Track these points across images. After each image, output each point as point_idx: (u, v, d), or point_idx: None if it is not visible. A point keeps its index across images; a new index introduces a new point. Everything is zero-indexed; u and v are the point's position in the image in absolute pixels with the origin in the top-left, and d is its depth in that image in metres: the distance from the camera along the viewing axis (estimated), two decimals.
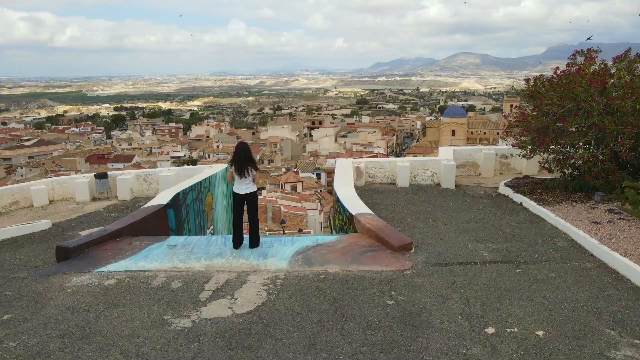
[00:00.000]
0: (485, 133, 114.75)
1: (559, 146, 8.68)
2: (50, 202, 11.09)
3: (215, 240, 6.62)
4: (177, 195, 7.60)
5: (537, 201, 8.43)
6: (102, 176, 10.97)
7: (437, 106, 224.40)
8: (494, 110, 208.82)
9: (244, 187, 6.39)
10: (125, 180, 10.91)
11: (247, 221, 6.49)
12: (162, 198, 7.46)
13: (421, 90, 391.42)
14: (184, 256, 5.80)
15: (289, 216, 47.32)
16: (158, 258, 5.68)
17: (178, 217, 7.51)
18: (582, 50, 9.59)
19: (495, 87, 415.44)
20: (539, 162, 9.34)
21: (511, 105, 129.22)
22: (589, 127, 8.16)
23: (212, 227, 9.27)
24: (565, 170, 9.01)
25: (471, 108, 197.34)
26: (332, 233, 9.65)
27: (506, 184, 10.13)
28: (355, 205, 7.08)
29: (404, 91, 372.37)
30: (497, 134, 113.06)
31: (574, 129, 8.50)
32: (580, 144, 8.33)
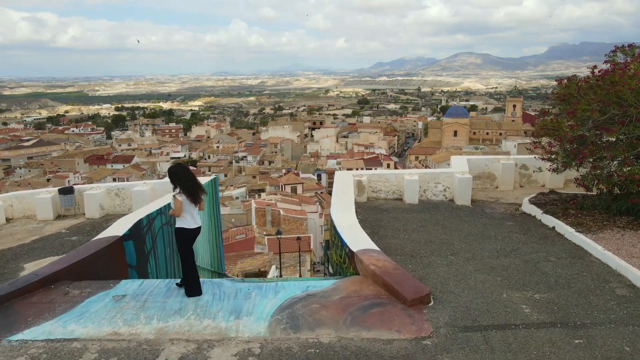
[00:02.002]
0: (487, 133, 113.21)
1: (599, 160, 7.29)
2: (8, 220, 9.74)
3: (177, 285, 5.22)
4: (139, 222, 6.19)
5: (575, 226, 7.05)
6: (67, 191, 9.63)
7: (439, 106, 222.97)
8: (496, 110, 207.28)
9: (197, 218, 5.08)
10: (94, 196, 9.55)
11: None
12: (118, 227, 6.06)
13: (422, 90, 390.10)
14: (131, 314, 4.40)
15: (289, 220, 45.98)
16: (96, 317, 4.29)
17: (140, 249, 6.11)
18: (622, 46, 8.17)
19: (496, 87, 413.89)
20: (575, 178, 7.95)
21: (514, 106, 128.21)
22: (638, 139, 6.78)
23: None
24: (606, 188, 7.61)
25: (473, 108, 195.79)
26: (327, 274, 8.26)
27: (531, 201, 8.75)
28: (356, 238, 5.68)
29: (405, 91, 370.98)
30: (500, 134, 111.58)
31: (619, 140, 7.12)
32: (630, 158, 6.89)
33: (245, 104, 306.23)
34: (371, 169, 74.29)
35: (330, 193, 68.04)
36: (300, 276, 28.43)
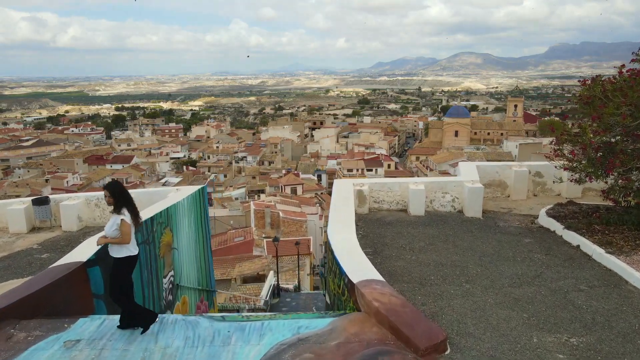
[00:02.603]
0: (489, 133, 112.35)
1: (629, 171, 6.47)
2: None
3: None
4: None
5: (604, 246, 6.25)
6: (41, 202, 8.85)
7: (440, 106, 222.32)
8: (497, 110, 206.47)
9: (135, 242, 4.37)
10: (71, 207, 8.76)
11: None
12: (83, 251, 5.24)
13: (423, 90, 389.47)
14: None
15: (288, 222, 45.23)
16: None
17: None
18: None
19: (497, 87, 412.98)
20: (602, 190, 7.13)
21: (515, 106, 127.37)
22: None
23: (171, 273, 7.11)
24: (638, 202, 6.76)
25: (474, 108, 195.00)
26: (323, 308, 7.46)
27: (549, 213, 7.95)
28: (357, 265, 4.85)
29: (406, 91, 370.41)
30: (501, 134, 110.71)
31: None
32: None
33: (245, 104, 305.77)
34: (371, 170, 73.59)
35: (330, 194, 67.49)
36: (299, 280, 27.63)
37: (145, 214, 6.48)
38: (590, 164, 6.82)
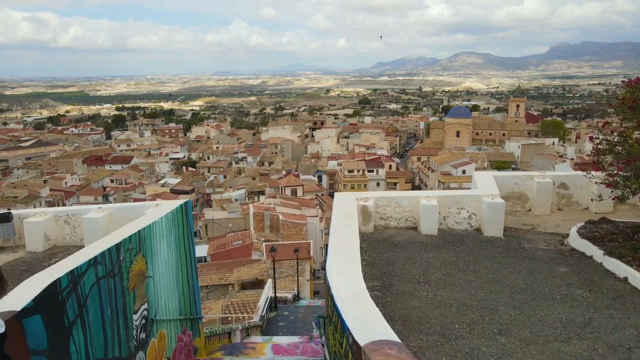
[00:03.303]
0: (490, 134, 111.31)
1: None
2: None
3: None
4: (53, 285, 4.29)
5: None
6: (3, 218, 7.83)
7: (441, 106, 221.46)
8: (498, 110, 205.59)
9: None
10: (37, 224, 7.73)
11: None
12: (17, 297, 4.20)
13: (424, 90, 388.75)
14: None
15: (288, 225, 44.25)
16: None
17: (56, 323, 4.26)
18: None
19: (498, 87, 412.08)
20: None
21: (517, 106, 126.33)
22: None
23: (144, 307, 6.08)
24: None
25: (475, 108, 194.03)
26: (322, 323, 6.41)
27: (581, 234, 6.90)
28: (364, 318, 3.77)
29: (407, 91, 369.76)
30: (503, 134, 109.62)
31: None
32: None
33: (246, 104, 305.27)
34: (372, 170, 72.57)
35: (331, 195, 66.73)
36: (298, 289, 26.54)
37: (109, 240, 5.45)
38: (636, 179, 5.79)
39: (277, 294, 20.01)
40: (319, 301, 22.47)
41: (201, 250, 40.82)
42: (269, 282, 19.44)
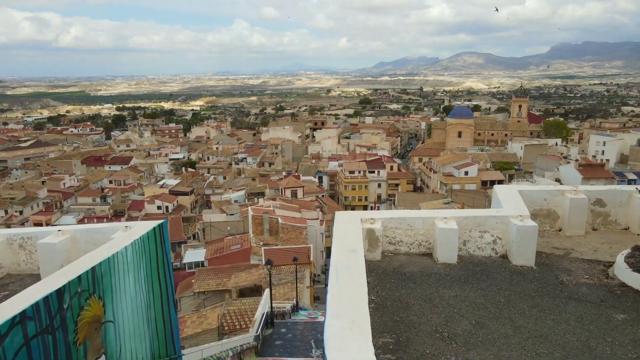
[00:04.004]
0: (492, 134, 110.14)
1: None
2: None
3: None
4: None
5: None
6: None
7: (442, 106, 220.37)
8: (500, 110, 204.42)
9: None
10: None
11: None
12: None
13: (425, 89, 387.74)
14: None
15: (287, 229, 43.22)
16: None
17: None
18: None
19: (499, 87, 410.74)
20: None
21: (519, 106, 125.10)
22: None
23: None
24: None
25: (476, 108, 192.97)
26: (321, 342, 5.17)
27: (631, 264, 5.78)
28: None
29: (408, 91, 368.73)
30: (505, 135, 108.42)
31: None
32: None
33: (246, 104, 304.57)
34: (373, 171, 71.41)
35: (332, 196, 65.58)
36: (297, 297, 25.36)
37: (49, 285, 4.32)
38: None
39: (275, 305, 18.87)
40: (318, 312, 21.26)
41: (199, 255, 39.85)
42: (267, 292, 18.29)
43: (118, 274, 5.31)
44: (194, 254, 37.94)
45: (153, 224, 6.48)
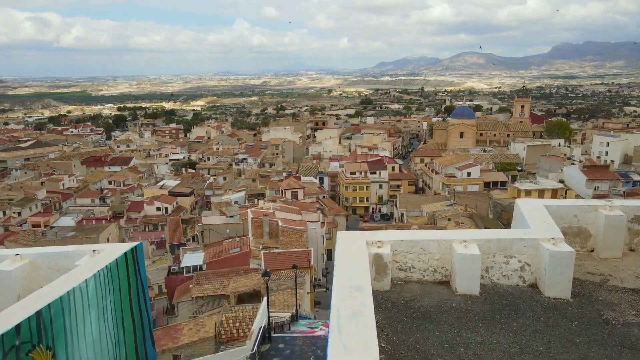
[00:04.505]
0: (495, 135, 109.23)
1: None
2: None
3: None
4: None
5: None
6: None
7: (443, 106, 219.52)
8: (501, 110, 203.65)
9: None
10: None
11: None
12: None
13: (426, 89, 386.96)
14: None
15: (287, 232, 42.37)
16: None
17: None
18: None
19: (500, 87, 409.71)
20: None
21: (522, 106, 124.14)
22: None
23: None
24: None
25: (478, 108, 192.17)
26: (322, 358, 4.26)
27: None
28: None
29: (409, 91, 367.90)
30: (508, 135, 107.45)
31: None
32: None
33: (247, 104, 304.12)
34: (375, 172, 70.46)
35: (333, 197, 64.90)
36: (297, 305, 24.52)
37: (36, 302, 3.43)
38: None
39: (273, 315, 17.92)
40: (319, 321, 20.31)
41: (197, 259, 39.13)
42: (264, 301, 17.40)
43: (75, 313, 4.40)
44: (192, 258, 37.11)
45: (125, 247, 5.57)
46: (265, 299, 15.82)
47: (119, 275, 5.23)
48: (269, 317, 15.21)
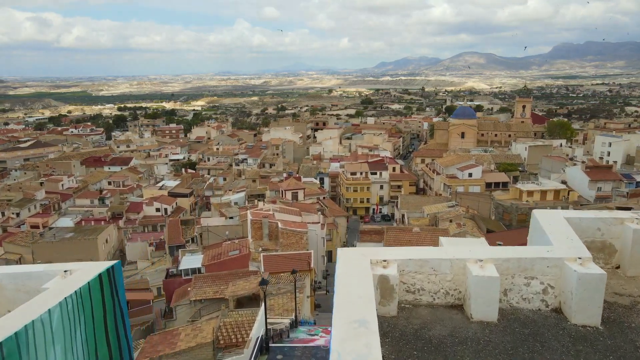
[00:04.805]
0: (496, 135, 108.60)
1: None
2: None
3: None
4: None
5: None
6: None
7: (444, 106, 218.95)
8: (502, 110, 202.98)
9: None
10: None
11: None
12: None
13: (426, 89, 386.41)
14: None
15: (287, 234, 41.83)
16: None
17: None
18: None
19: (500, 87, 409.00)
20: None
21: (523, 106, 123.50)
22: None
23: None
24: None
25: (478, 108, 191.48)
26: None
27: None
28: None
29: (409, 91, 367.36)
30: (509, 135, 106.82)
31: None
32: None
33: (248, 104, 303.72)
34: (375, 173, 69.89)
35: (333, 198, 64.33)
36: (296, 312, 23.95)
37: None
38: None
39: (272, 322, 17.31)
40: (319, 328, 19.72)
41: (196, 261, 38.62)
42: (262, 309, 16.83)
43: (36, 350, 3.81)
44: (191, 260, 36.56)
45: (101, 267, 4.97)
46: (262, 307, 15.22)
47: (91, 300, 4.65)
48: (266, 326, 14.61)
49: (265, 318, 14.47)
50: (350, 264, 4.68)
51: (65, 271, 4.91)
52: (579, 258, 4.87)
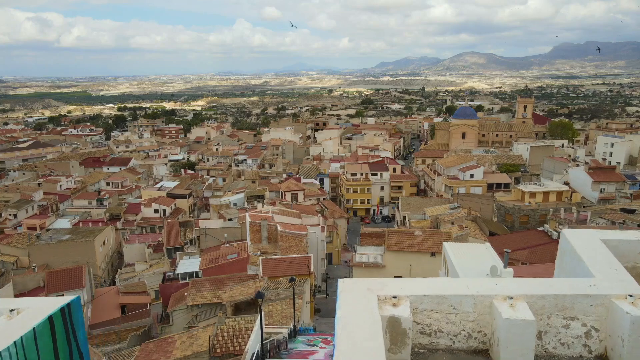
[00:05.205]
0: (497, 135, 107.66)
1: None
2: None
3: None
4: None
5: None
6: None
7: (444, 106, 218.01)
8: (503, 110, 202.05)
9: None
10: None
11: None
12: None
13: (427, 89, 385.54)
14: None
15: (287, 237, 40.98)
16: None
17: None
18: None
19: (501, 87, 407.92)
20: None
21: (524, 106, 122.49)
22: None
23: None
24: None
25: (479, 108, 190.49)
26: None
27: None
28: None
29: (409, 91, 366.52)
30: (510, 136, 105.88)
31: None
32: None
33: (248, 104, 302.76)
34: (376, 174, 69.03)
35: (333, 199, 63.39)
36: (295, 320, 23.10)
37: None
38: None
39: (269, 332, 16.43)
40: (319, 337, 18.83)
41: (193, 265, 37.76)
42: (257, 323, 15.92)
43: None
44: (188, 264, 35.69)
45: (54, 306, 4.14)
46: (258, 321, 14.36)
47: (37, 349, 3.79)
48: (262, 341, 13.73)
49: (262, 332, 13.60)
50: (354, 302, 3.85)
51: (11, 311, 4.07)
52: (630, 296, 4.03)
